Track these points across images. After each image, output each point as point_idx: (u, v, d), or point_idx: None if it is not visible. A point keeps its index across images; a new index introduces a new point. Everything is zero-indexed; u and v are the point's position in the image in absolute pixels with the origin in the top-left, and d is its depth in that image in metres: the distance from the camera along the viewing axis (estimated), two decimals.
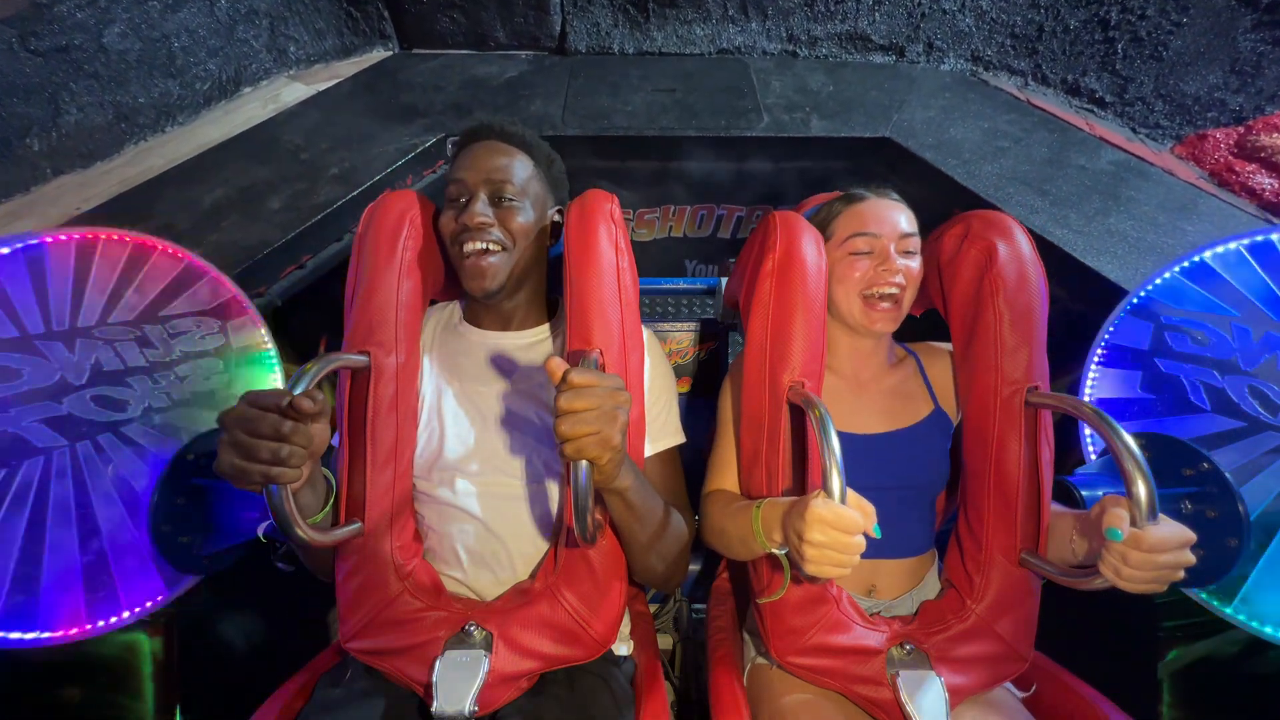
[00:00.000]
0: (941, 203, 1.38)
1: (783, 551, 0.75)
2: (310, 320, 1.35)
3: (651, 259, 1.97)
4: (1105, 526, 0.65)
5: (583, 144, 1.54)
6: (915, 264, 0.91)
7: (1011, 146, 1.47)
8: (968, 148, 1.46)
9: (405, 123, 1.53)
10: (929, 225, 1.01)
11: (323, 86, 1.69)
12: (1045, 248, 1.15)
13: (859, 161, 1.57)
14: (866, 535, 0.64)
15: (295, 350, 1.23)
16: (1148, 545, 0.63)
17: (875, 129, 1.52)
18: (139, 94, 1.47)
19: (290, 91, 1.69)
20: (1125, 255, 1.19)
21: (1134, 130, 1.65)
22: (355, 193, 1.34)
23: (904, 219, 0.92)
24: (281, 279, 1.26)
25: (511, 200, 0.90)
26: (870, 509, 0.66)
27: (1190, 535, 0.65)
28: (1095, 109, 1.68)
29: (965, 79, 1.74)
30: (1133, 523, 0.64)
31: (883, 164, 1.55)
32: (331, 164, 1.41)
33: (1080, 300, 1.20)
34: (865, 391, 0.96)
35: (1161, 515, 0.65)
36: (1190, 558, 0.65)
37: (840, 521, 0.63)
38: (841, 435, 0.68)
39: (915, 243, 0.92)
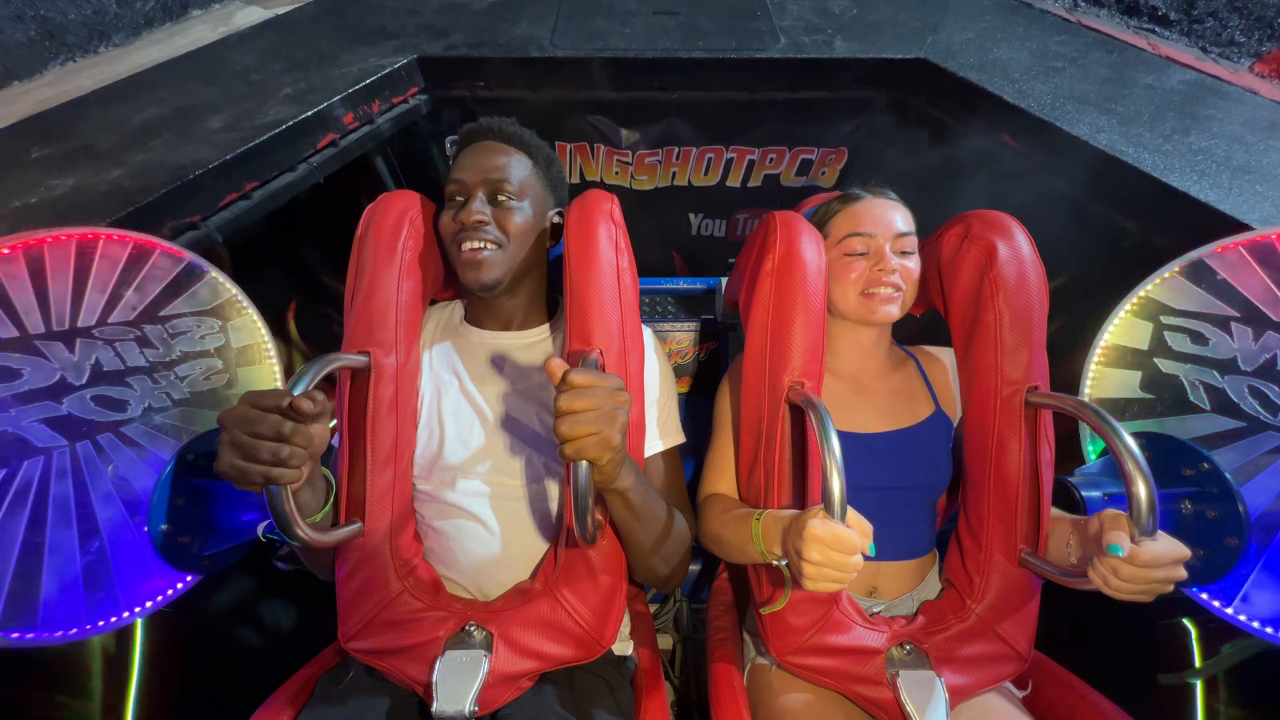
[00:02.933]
0: (988, 127, 1.28)
1: (783, 564, 0.75)
2: (267, 268, 1.26)
3: (653, 212, 1.81)
4: (1107, 543, 0.65)
5: (574, 69, 1.41)
6: (912, 263, 0.91)
7: (1066, 67, 1.33)
8: (1015, 69, 1.31)
9: (373, 45, 1.41)
10: (970, 154, 0.96)
11: (282, 10, 1.53)
12: (1113, 171, 1.06)
13: (890, 88, 1.42)
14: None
15: (258, 304, 1.08)
16: (1141, 561, 0.63)
17: (908, 50, 1.36)
18: (68, 9, 1.33)
19: (245, 15, 1.54)
20: (1217, 175, 1.04)
21: (1204, 49, 1.48)
22: (309, 113, 1.20)
23: (900, 218, 0.92)
24: (222, 209, 1.11)
25: (509, 199, 0.90)
26: (868, 527, 0.66)
27: (1185, 551, 0.65)
28: (1157, 28, 1.52)
29: (1007, 2, 1.58)
30: (1132, 539, 0.64)
31: (918, 89, 1.41)
32: (285, 85, 1.27)
33: (1158, 229, 1.05)
34: (866, 391, 0.96)
35: (1160, 532, 0.65)
36: (1182, 573, 0.65)
37: (838, 542, 0.63)
38: (842, 435, 0.68)
39: (911, 242, 0.92)
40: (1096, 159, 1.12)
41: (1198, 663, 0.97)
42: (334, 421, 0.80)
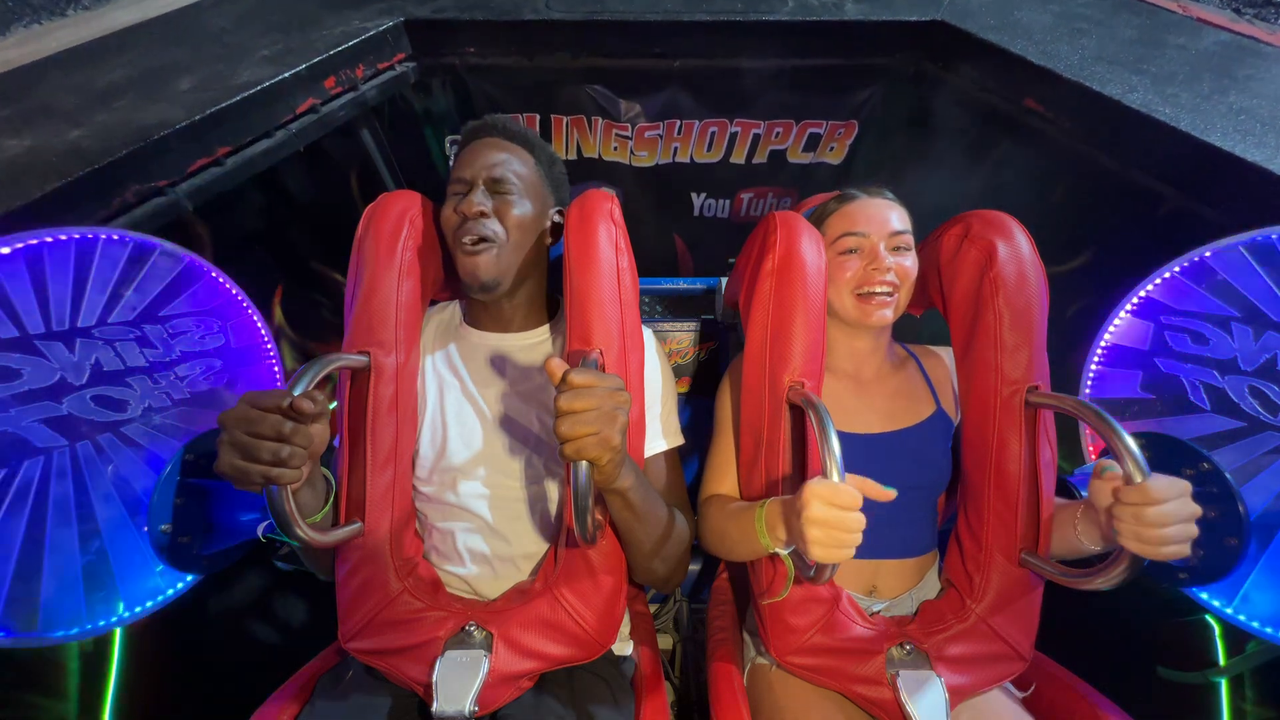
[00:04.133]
0: (1010, 92, 1.23)
1: (787, 551, 0.75)
2: (250, 247, 1.18)
3: (653, 191, 1.73)
4: (1102, 467, 0.66)
5: (569, 33, 1.34)
6: (908, 261, 0.91)
7: (1092, 29, 1.28)
8: (1038, 30, 1.26)
9: (357, 7, 1.34)
10: (990, 123, 0.90)
11: None
12: (1148, 133, 1.02)
13: (905, 53, 1.36)
14: (871, 528, 0.64)
15: (242, 287, 1.03)
16: (1153, 494, 0.63)
17: (924, 12, 1.31)
18: None
19: None
20: (1262, 135, 0.99)
21: (1238, 11, 1.42)
22: (287, 75, 1.12)
23: (895, 217, 0.92)
24: (192, 175, 1.04)
25: (510, 193, 0.90)
26: (870, 482, 0.66)
27: (1185, 482, 0.65)
28: None
29: None
30: (1129, 481, 0.65)
31: (935, 54, 1.34)
32: (262, 47, 1.20)
33: (1198, 193, 1.00)
34: (866, 392, 0.96)
35: (1154, 473, 0.65)
36: (1195, 506, 0.65)
37: (837, 496, 0.63)
38: (842, 435, 0.68)
39: (907, 240, 0.92)
40: (1130, 120, 1.07)
41: (1221, 660, 0.96)
42: (333, 404, 0.78)
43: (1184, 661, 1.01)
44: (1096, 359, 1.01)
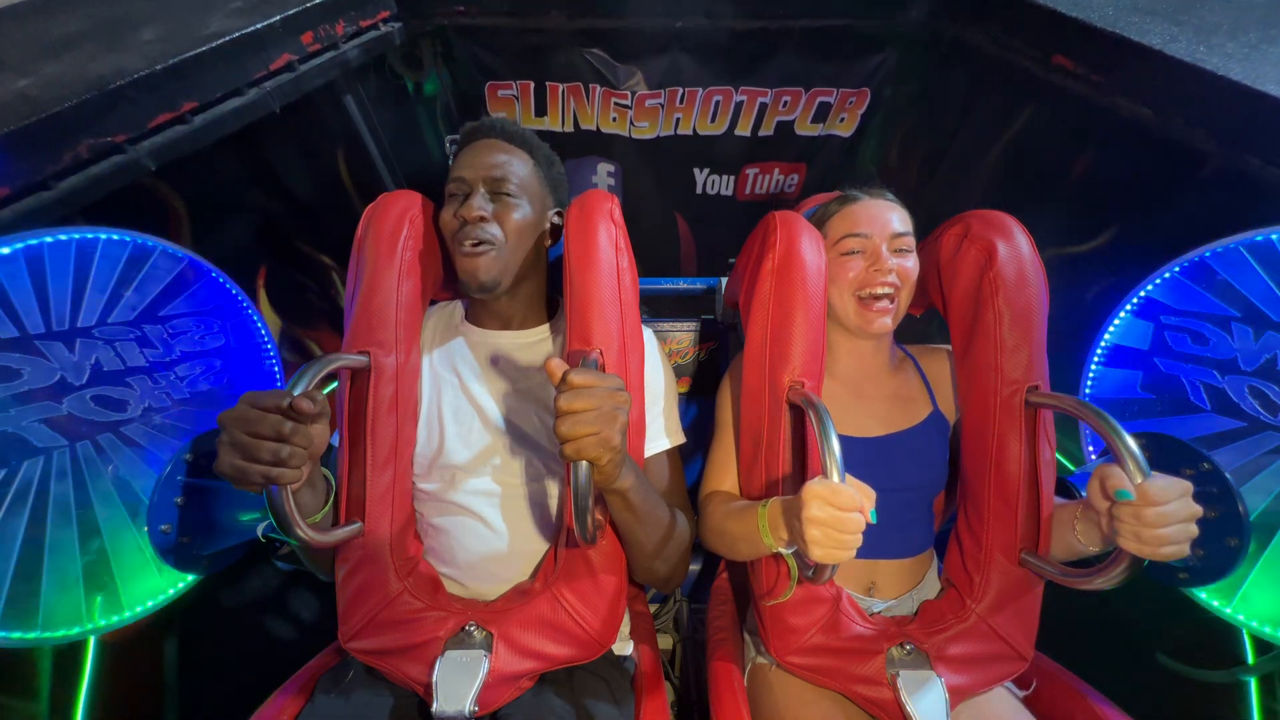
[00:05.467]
0: (1038, 46, 1.16)
1: (789, 551, 0.75)
2: (227, 219, 1.10)
3: (654, 167, 1.64)
4: (1114, 490, 0.65)
5: None
6: (910, 263, 0.91)
7: None
8: None
9: None
10: (1014, 85, 0.82)
11: None
12: (1193, 85, 0.97)
13: (920, 11, 1.29)
14: (869, 529, 0.64)
15: (221, 266, 0.97)
16: (1154, 495, 0.63)
17: None
18: None
19: None
20: None
21: None
22: (259, 25, 1.04)
23: (896, 218, 0.92)
24: (154, 131, 0.96)
25: (510, 195, 0.90)
26: (870, 491, 0.66)
27: (1186, 482, 0.65)
28: None
29: None
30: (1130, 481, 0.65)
31: (953, 11, 1.28)
32: None
33: (1250, 145, 0.94)
34: (865, 396, 0.96)
35: (1154, 473, 0.65)
36: (1196, 507, 0.65)
37: (837, 497, 0.63)
38: (840, 439, 0.68)
39: (909, 241, 0.92)
40: (1176, 72, 1.01)
41: (1250, 659, 0.95)
42: (332, 386, 0.73)
43: (1192, 659, 1.01)
44: (1096, 359, 1.01)
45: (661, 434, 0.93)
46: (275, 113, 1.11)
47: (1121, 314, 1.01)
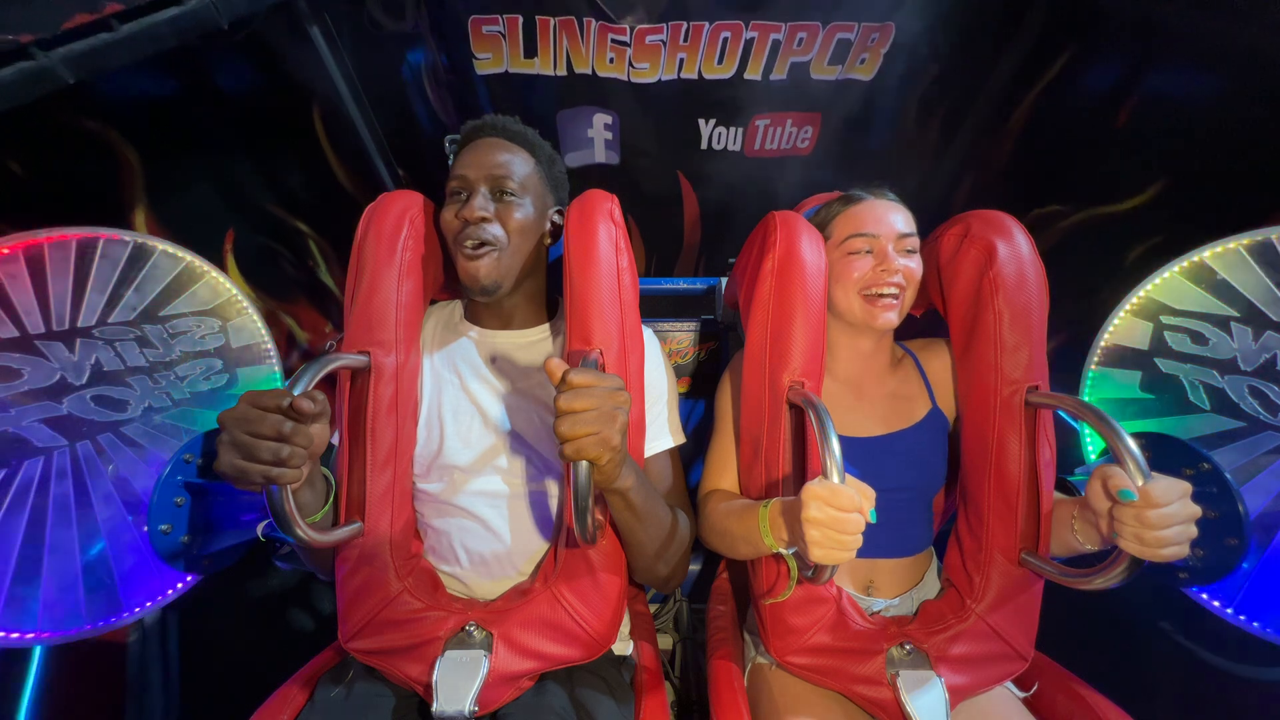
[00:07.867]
0: None
1: (789, 551, 0.75)
2: (182, 168, 0.95)
3: (655, 118, 1.47)
4: (1117, 490, 0.65)
5: None
6: (914, 263, 0.91)
7: None
8: None
9: None
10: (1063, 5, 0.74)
11: None
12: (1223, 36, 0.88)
13: None
14: (867, 528, 0.64)
15: (182, 232, 0.82)
16: (1156, 497, 0.63)
17: None
18: None
19: None
20: None
21: None
22: None
23: (901, 219, 0.92)
24: (69, 35, 0.81)
25: (512, 195, 0.90)
26: (870, 491, 0.66)
27: (1186, 484, 0.65)
28: None
29: None
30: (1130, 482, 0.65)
31: None
32: None
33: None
34: (864, 396, 0.96)
35: (1154, 473, 0.65)
36: (1196, 508, 0.65)
37: (836, 498, 0.63)
38: (840, 438, 0.69)
39: (914, 242, 0.92)
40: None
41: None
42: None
43: (1182, 662, 1.01)
44: (1097, 359, 1.01)
45: (662, 434, 0.93)
46: (223, 29, 0.95)
47: (1121, 314, 1.02)
